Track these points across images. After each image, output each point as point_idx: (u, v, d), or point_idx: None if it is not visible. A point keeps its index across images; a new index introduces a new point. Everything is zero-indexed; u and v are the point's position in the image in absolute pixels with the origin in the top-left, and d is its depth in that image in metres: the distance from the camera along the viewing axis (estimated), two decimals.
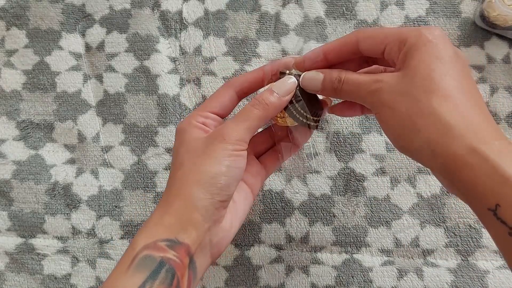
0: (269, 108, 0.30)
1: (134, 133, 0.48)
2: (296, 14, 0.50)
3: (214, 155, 0.29)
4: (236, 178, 0.29)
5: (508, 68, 0.47)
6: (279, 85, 0.31)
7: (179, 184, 0.30)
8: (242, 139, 0.29)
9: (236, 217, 0.32)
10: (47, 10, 0.50)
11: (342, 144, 0.47)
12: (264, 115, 0.30)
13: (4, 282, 0.44)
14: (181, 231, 0.28)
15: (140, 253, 0.27)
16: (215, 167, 0.28)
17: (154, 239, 0.28)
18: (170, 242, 0.28)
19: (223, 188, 0.29)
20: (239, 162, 0.29)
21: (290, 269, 0.44)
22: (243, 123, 0.30)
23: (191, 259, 0.28)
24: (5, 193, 0.46)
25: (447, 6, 0.49)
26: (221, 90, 0.33)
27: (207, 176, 0.28)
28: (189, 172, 0.29)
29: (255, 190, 0.34)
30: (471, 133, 0.24)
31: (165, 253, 0.27)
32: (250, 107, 0.30)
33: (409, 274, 0.44)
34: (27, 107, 0.48)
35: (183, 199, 0.29)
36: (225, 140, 0.29)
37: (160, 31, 0.50)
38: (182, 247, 0.28)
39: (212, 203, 0.28)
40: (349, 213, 0.45)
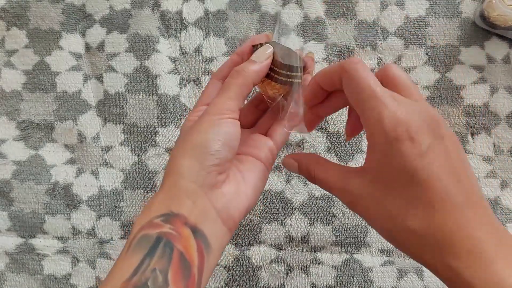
0: (247, 73, 0.31)
1: (134, 133, 0.48)
2: (296, 14, 0.50)
3: (199, 128, 0.29)
4: (226, 142, 0.29)
5: (508, 68, 0.47)
6: (257, 54, 0.32)
7: (170, 162, 0.30)
8: (225, 108, 0.30)
9: (245, 185, 0.31)
10: (47, 10, 0.50)
11: (342, 144, 0.47)
12: (243, 82, 0.31)
13: (4, 282, 0.44)
14: (175, 203, 0.28)
15: (137, 234, 0.27)
16: (201, 136, 0.29)
17: (149, 218, 0.27)
18: (164, 217, 0.27)
19: (212, 153, 0.28)
20: (228, 127, 0.29)
21: (290, 269, 0.44)
22: (224, 94, 0.30)
23: (195, 228, 0.27)
24: (5, 193, 0.46)
25: (447, 6, 0.49)
26: (208, 85, 0.34)
27: (193, 144, 0.29)
28: (179, 148, 0.30)
29: (267, 162, 0.34)
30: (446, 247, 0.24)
31: (161, 228, 0.27)
32: (229, 79, 0.31)
33: (409, 274, 0.43)
34: (27, 107, 0.48)
35: (174, 173, 0.29)
36: (209, 113, 0.29)
37: (160, 31, 0.50)
38: (177, 218, 0.27)
39: (202, 167, 0.28)
40: (349, 213, 0.45)
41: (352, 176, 0.28)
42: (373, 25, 0.49)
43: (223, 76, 0.34)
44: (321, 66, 0.48)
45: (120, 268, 0.26)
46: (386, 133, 0.25)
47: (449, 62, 0.48)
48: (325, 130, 0.47)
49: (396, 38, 0.49)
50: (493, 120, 0.46)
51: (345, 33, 0.49)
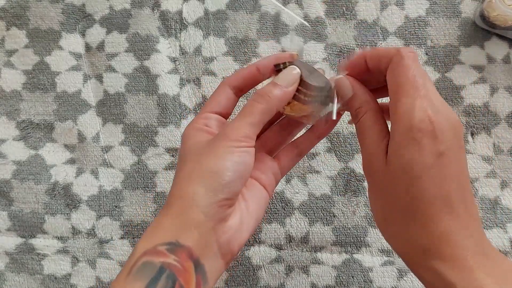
0: (272, 100, 0.29)
1: (134, 133, 0.48)
2: (296, 14, 0.50)
3: (217, 152, 0.28)
4: (241, 175, 0.28)
5: (508, 68, 0.47)
6: (282, 77, 0.30)
7: (181, 183, 0.29)
8: (245, 135, 0.28)
9: (248, 216, 0.30)
10: (47, 10, 0.50)
11: (342, 144, 0.47)
12: (267, 108, 0.29)
13: (4, 282, 0.44)
14: (182, 232, 0.27)
15: (140, 259, 0.26)
16: (219, 163, 0.27)
17: (154, 244, 0.27)
18: (170, 246, 0.26)
19: (227, 185, 0.27)
20: (244, 158, 0.28)
21: (290, 269, 0.44)
22: (245, 119, 0.29)
23: (198, 263, 0.27)
24: (5, 193, 0.46)
25: (447, 6, 0.49)
26: (217, 90, 0.33)
27: (210, 173, 0.27)
28: (192, 170, 0.28)
29: (270, 189, 0.33)
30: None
31: (165, 258, 0.26)
32: (251, 102, 0.29)
33: (409, 274, 0.43)
34: (27, 107, 0.48)
35: (184, 198, 0.28)
36: (228, 138, 0.28)
37: (160, 31, 0.50)
38: (183, 250, 0.26)
39: (215, 200, 0.27)
40: (349, 213, 0.45)
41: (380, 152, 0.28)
42: (373, 25, 0.49)
43: (235, 85, 0.32)
44: (321, 66, 0.48)
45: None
46: (412, 123, 0.25)
47: (449, 62, 0.48)
48: None
49: (396, 38, 0.49)
50: (493, 120, 0.46)
51: (345, 33, 0.49)
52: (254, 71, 0.32)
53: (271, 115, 0.30)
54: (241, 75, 0.32)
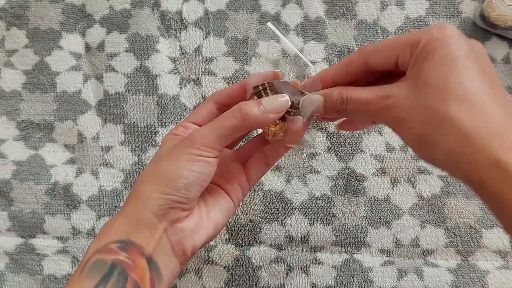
0: (248, 118, 0.28)
1: (134, 133, 0.48)
2: (296, 14, 0.50)
3: (179, 157, 0.28)
4: (198, 183, 0.28)
5: (508, 68, 0.47)
6: (270, 100, 0.29)
7: (138, 184, 0.29)
8: (211, 146, 0.28)
9: (207, 221, 0.30)
10: (47, 10, 0.50)
11: (342, 144, 0.47)
12: (240, 125, 0.28)
13: (4, 282, 0.44)
14: (133, 231, 0.27)
15: (92, 257, 0.27)
16: (175, 168, 0.28)
17: (105, 242, 0.27)
18: (121, 244, 0.27)
19: (181, 190, 0.28)
20: (204, 168, 0.28)
21: (290, 269, 0.44)
22: (216, 129, 0.29)
23: (150, 260, 0.27)
24: (5, 193, 0.46)
25: (447, 6, 0.49)
26: (202, 104, 0.33)
27: (164, 176, 0.28)
28: (149, 172, 0.29)
29: (236, 199, 0.33)
30: (495, 141, 0.22)
31: (116, 255, 0.27)
32: (228, 113, 0.29)
33: (409, 274, 0.44)
34: (27, 107, 0.48)
35: (138, 199, 0.28)
36: (191, 145, 0.28)
37: (160, 31, 0.50)
38: (134, 248, 0.27)
39: (167, 203, 0.28)
40: (349, 213, 0.45)
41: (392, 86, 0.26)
42: (373, 25, 0.49)
43: (220, 101, 0.33)
44: (321, 66, 0.48)
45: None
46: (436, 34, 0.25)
47: None
48: (325, 130, 0.47)
49: None
50: None
51: (345, 33, 0.49)
52: (238, 88, 0.33)
53: (243, 132, 0.29)
54: (226, 92, 0.33)
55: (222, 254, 0.45)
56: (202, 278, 0.44)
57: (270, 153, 0.34)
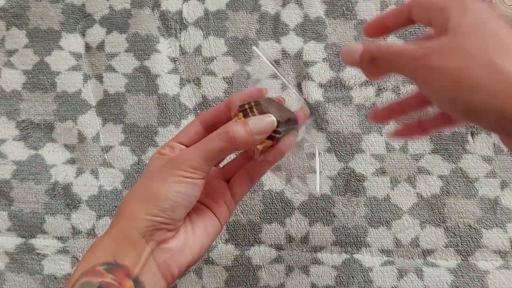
0: (235, 141, 0.29)
1: (134, 133, 0.48)
2: (296, 14, 0.50)
3: (164, 178, 0.29)
4: (184, 204, 0.29)
5: None
6: (256, 121, 0.30)
7: (123, 204, 0.29)
8: (197, 168, 0.29)
9: (193, 240, 0.30)
10: (47, 10, 0.50)
11: (342, 144, 0.47)
12: (226, 147, 0.29)
13: (4, 282, 0.44)
14: (120, 252, 0.28)
15: (78, 280, 0.27)
16: (162, 189, 0.28)
17: (92, 264, 0.27)
18: (108, 266, 0.27)
19: (166, 211, 0.28)
20: (191, 189, 0.29)
21: (290, 269, 0.44)
22: (202, 152, 0.29)
23: (137, 281, 0.27)
24: (5, 193, 0.46)
25: None
26: (189, 124, 0.34)
27: (151, 197, 0.28)
28: (135, 192, 0.30)
29: (222, 218, 0.33)
30: None
31: (103, 277, 0.27)
32: (214, 135, 0.29)
33: (409, 274, 0.44)
34: (27, 107, 0.48)
35: (125, 219, 0.28)
36: (178, 166, 0.29)
37: (160, 31, 0.50)
38: (120, 269, 0.27)
39: (153, 224, 0.28)
40: (349, 213, 0.45)
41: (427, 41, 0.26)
42: None
43: (206, 120, 0.33)
44: (321, 66, 0.48)
45: None
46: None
47: None
48: (325, 130, 0.47)
49: (396, 38, 0.49)
50: None
51: (345, 33, 0.49)
52: (223, 107, 0.33)
53: (230, 154, 0.30)
54: (211, 111, 0.33)
55: (222, 254, 0.45)
56: (202, 278, 0.44)
57: (254, 169, 0.35)
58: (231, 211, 0.34)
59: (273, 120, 0.30)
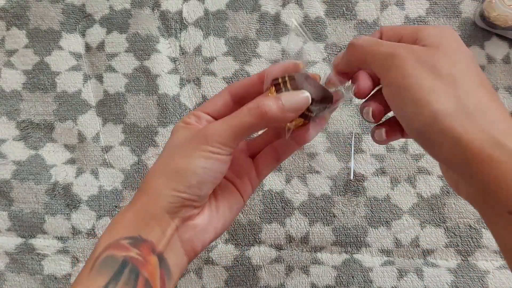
0: (266, 117, 0.27)
1: (134, 133, 0.48)
2: (296, 14, 0.50)
3: (190, 153, 0.27)
4: (210, 180, 0.28)
5: (508, 68, 0.47)
6: (290, 97, 0.28)
7: (149, 178, 0.28)
8: (225, 144, 0.27)
9: (216, 218, 0.30)
10: (47, 10, 0.50)
11: (342, 144, 0.47)
12: (257, 123, 0.27)
13: (4, 282, 0.44)
14: (145, 228, 0.27)
15: (103, 253, 0.26)
16: (187, 165, 0.27)
17: (116, 238, 0.26)
18: (133, 240, 0.26)
19: (193, 188, 0.27)
20: (217, 166, 0.27)
21: (290, 269, 0.44)
22: (231, 127, 0.27)
23: (161, 257, 0.27)
24: (5, 193, 0.46)
25: (447, 6, 0.49)
26: (217, 94, 0.32)
27: (176, 172, 0.27)
28: (159, 167, 0.28)
29: (246, 195, 0.32)
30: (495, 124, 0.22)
31: (127, 251, 0.26)
32: (245, 110, 0.28)
33: (409, 274, 0.43)
34: (27, 107, 0.48)
35: (149, 195, 0.28)
36: (206, 141, 0.27)
37: (160, 31, 0.50)
38: (145, 245, 0.26)
39: (179, 200, 0.27)
40: (349, 213, 0.45)
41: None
42: (373, 25, 0.49)
43: (236, 92, 0.31)
44: (321, 66, 0.48)
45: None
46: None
47: None
48: (325, 130, 0.47)
49: None
50: None
51: (345, 33, 0.49)
52: (255, 80, 0.31)
53: (260, 130, 0.28)
54: (243, 83, 0.31)
55: (222, 254, 0.45)
56: (202, 278, 0.44)
57: (282, 148, 0.33)
58: (254, 188, 0.33)
59: (307, 97, 0.28)
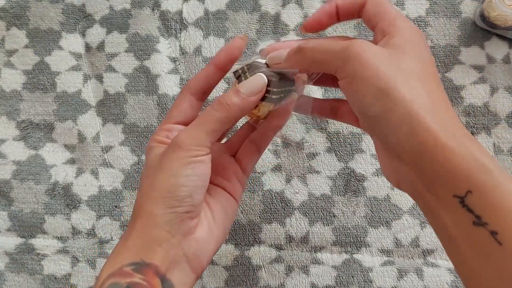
0: (231, 108, 0.28)
1: (134, 133, 0.48)
2: (296, 14, 0.50)
3: (169, 166, 0.27)
4: (198, 186, 0.27)
5: (508, 68, 0.47)
6: (246, 83, 0.29)
7: (140, 202, 0.28)
8: (200, 144, 0.27)
9: (215, 226, 0.29)
10: (47, 10, 0.50)
11: (342, 144, 0.47)
12: (225, 116, 0.28)
13: (4, 282, 0.44)
14: (147, 252, 0.27)
15: (106, 281, 0.26)
16: (172, 179, 0.27)
17: (119, 265, 0.26)
18: (136, 266, 0.26)
19: (184, 199, 0.27)
20: (199, 169, 0.27)
21: (290, 269, 0.44)
22: (201, 126, 0.28)
23: (163, 279, 0.26)
24: (5, 193, 0.46)
25: (447, 6, 0.49)
26: (178, 98, 0.31)
27: (163, 191, 0.27)
28: (148, 188, 0.28)
29: (237, 195, 0.32)
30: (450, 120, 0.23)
31: (131, 278, 0.26)
32: (209, 109, 0.28)
33: (409, 274, 0.43)
34: (27, 107, 0.48)
35: (145, 218, 0.27)
36: (180, 148, 0.27)
37: (160, 31, 0.50)
38: (149, 269, 0.26)
39: (175, 216, 0.27)
40: (349, 213, 0.45)
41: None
42: None
43: (196, 90, 0.31)
44: None
45: None
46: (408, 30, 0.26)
47: (449, 62, 0.48)
48: (325, 130, 0.47)
49: None
50: (493, 120, 0.46)
51: (344, 33, 0.49)
52: (211, 69, 0.30)
53: (230, 124, 0.29)
54: (199, 77, 0.31)
55: (222, 254, 0.45)
56: (202, 278, 0.44)
57: (259, 138, 0.33)
58: (243, 185, 0.33)
59: (262, 76, 0.29)
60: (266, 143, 0.34)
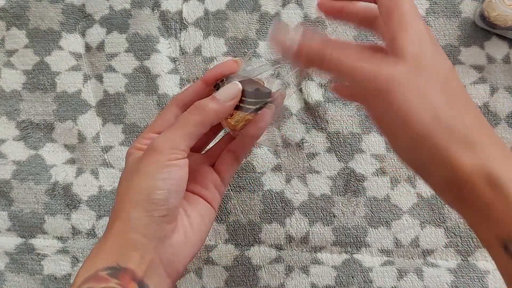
0: (207, 113, 0.28)
1: (134, 133, 0.48)
2: (296, 14, 0.50)
3: (146, 170, 0.27)
4: (175, 189, 0.27)
5: (508, 68, 0.47)
6: (221, 91, 0.30)
7: (117, 206, 0.28)
8: (176, 147, 0.28)
9: (192, 232, 0.30)
10: (47, 10, 0.50)
11: (342, 144, 0.47)
12: (201, 120, 0.28)
13: (4, 282, 0.44)
14: (123, 256, 0.26)
15: (82, 286, 0.26)
16: (148, 182, 0.27)
17: (95, 269, 0.26)
18: (111, 270, 0.26)
19: (161, 203, 0.27)
20: (176, 172, 0.27)
21: (290, 269, 0.44)
22: (177, 130, 0.28)
23: (141, 283, 0.26)
24: (5, 193, 0.46)
25: (447, 6, 0.49)
26: (165, 109, 0.32)
27: (140, 194, 0.27)
28: (124, 193, 0.28)
29: (215, 203, 0.33)
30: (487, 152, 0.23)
31: (107, 283, 0.25)
32: (185, 114, 0.29)
33: (409, 274, 0.43)
34: (27, 107, 0.48)
35: (122, 222, 0.27)
36: (156, 152, 0.27)
37: (160, 31, 0.50)
38: (125, 273, 0.26)
39: (152, 220, 0.27)
40: (349, 213, 0.45)
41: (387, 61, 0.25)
42: None
43: (184, 104, 0.32)
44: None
45: None
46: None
47: None
48: (325, 130, 0.47)
49: None
50: (493, 120, 0.46)
51: (344, 33, 0.49)
52: (200, 85, 0.32)
53: (206, 128, 0.29)
54: (186, 92, 0.32)
55: (222, 254, 0.45)
56: (202, 278, 0.44)
57: (237, 148, 0.34)
58: (222, 194, 0.34)
59: (237, 84, 0.30)
60: (244, 153, 0.35)
